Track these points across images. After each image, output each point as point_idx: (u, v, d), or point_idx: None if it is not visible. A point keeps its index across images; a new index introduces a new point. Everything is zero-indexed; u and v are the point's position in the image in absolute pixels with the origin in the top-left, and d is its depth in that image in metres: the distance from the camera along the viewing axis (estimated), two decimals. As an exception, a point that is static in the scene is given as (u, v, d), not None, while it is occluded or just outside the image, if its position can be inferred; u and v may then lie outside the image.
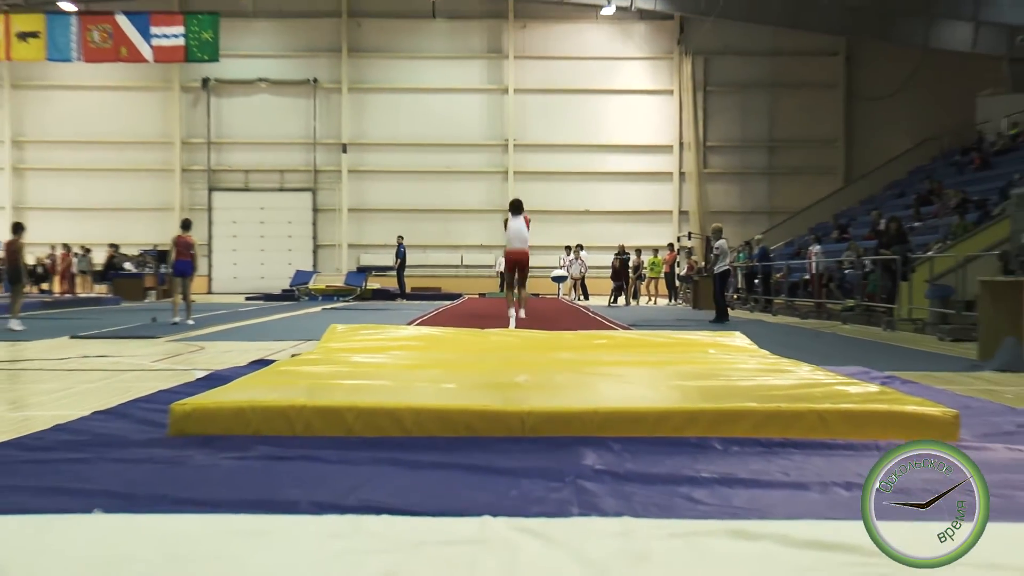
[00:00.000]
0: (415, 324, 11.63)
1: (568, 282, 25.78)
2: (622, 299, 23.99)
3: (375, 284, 26.09)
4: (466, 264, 30.56)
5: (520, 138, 30.64)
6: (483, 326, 9.89)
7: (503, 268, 14.27)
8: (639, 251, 25.46)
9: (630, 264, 24.69)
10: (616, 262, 23.91)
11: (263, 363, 6.86)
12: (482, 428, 4.05)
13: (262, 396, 4.44)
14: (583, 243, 26.32)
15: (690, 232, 29.50)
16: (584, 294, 25.53)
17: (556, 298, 24.86)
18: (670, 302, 24.97)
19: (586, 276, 25.74)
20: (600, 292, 26.43)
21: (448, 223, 30.62)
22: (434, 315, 15.26)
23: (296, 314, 16.96)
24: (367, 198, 30.95)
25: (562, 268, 25.67)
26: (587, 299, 24.88)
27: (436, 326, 10.50)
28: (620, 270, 23.84)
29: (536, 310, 15.38)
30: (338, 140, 30.87)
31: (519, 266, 13.49)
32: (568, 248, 25.97)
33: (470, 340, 8.01)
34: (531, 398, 4.51)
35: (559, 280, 25.70)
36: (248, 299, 25.16)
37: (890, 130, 29.74)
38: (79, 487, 3.16)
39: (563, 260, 25.94)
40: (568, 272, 25.42)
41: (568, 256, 25.71)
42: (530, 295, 22.94)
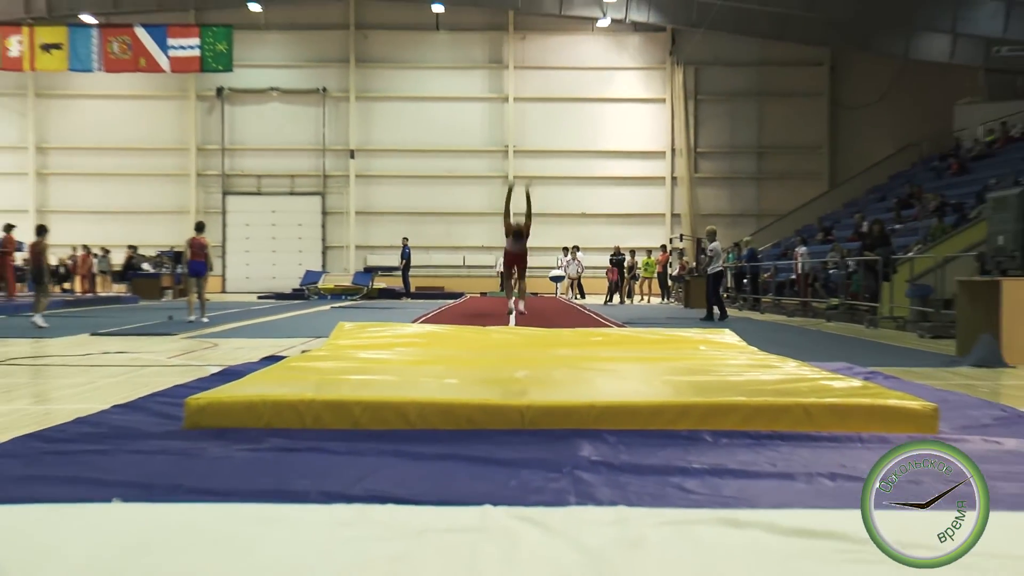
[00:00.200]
0: (419, 322, 11.63)
1: (565, 282, 25.75)
2: (616, 298, 24.00)
3: (381, 284, 26.13)
4: (468, 264, 30.54)
5: (520, 144, 30.63)
6: (484, 324, 9.90)
7: (503, 267, 14.18)
8: (633, 252, 25.46)
9: (625, 265, 24.68)
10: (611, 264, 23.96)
11: (274, 359, 6.86)
12: (483, 421, 4.05)
13: (273, 391, 4.44)
14: (580, 244, 26.29)
15: (682, 234, 29.53)
16: (581, 293, 25.52)
17: (554, 297, 24.85)
18: (663, 301, 24.99)
19: (582, 276, 25.74)
20: (596, 291, 26.44)
21: (451, 225, 30.61)
22: (437, 313, 15.25)
23: (306, 312, 16.95)
24: (374, 202, 30.93)
25: (560, 268, 25.66)
26: (583, 298, 24.88)
27: (439, 324, 10.49)
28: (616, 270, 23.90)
29: (535, 309, 15.36)
30: (346, 146, 30.85)
31: (518, 262, 13.54)
32: (565, 249, 25.95)
33: (472, 337, 8.01)
34: (530, 392, 4.51)
35: (557, 280, 25.68)
36: (260, 298, 25.17)
37: (872, 137, 29.75)
38: (99, 477, 3.16)
39: (561, 261, 25.93)
40: (565, 272, 25.41)
41: (565, 257, 25.69)
42: (529, 294, 22.94)
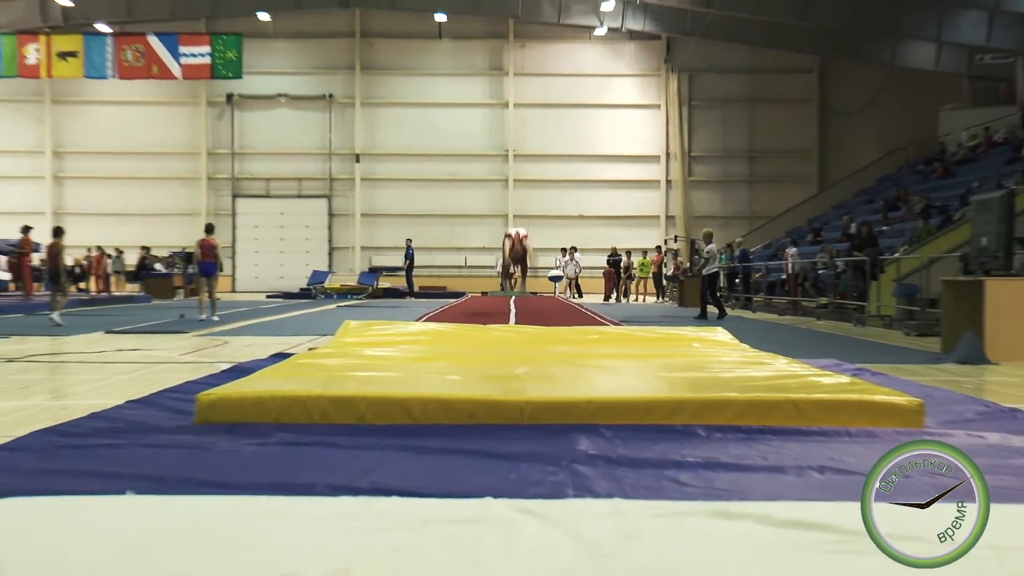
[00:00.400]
0: (422, 320, 11.60)
1: (564, 281, 25.75)
2: (613, 297, 24.00)
3: (386, 283, 26.11)
4: (469, 265, 30.54)
5: (519, 149, 30.61)
6: (485, 322, 9.87)
7: (503, 266, 13.86)
8: (629, 253, 25.46)
9: (621, 265, 24.67)
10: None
11: (282, 356, 6.85)
12: (484, 416, 4.04)
13: (281, 387, 4.42)
14: (577, 246, 26.29)
15: (676, 236, 29.50)
16: (578, 292, 25.52)
17: (552, 296, 24.85)
18: (658, 300, 24.98)
19: (580, 276, 25.74)
20: (593, 291, 26.43)
21: (453, 227, 30.61)
22: (440, 312, 15.21)
23: (313, 311, 16.94)
24: (378, 204, 30.93)
25: (558, 269, 25.66)
26: (581, 297, 24.87)
27: (442, 322, 10.48)
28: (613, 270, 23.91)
29: (534, 307, 15.34)
30: (352, 151, 30.84)
31: (518, 259, 13.30)
32: (564, 250, 25.94)
33: (473, 335, 7.99)
34: (529, 388, 4.50)
35: (555, 280, 25.68)
36: (269, 297, 25.18)
37: (860, 141, 29.74)
38: (113, 471, 3.14)
39: (559, 261, 25.93)
40: (564, 272, 25.41)
41: (564, 258, 25.69)
42: (529, 294, 22.91)
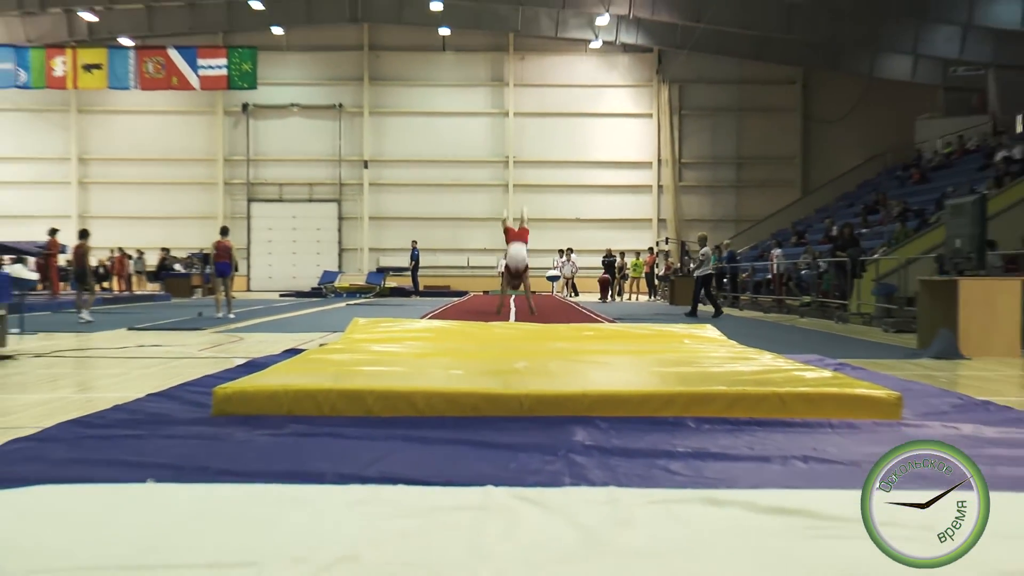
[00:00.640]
0: (427, 318, 11.60)
1: (561, 281, 25.75)
2: (608, 296, 23.98)
3: (392, 283, 26.10)
4: (472, 265, 30.50)
5: (519, 155, 30.59)
6: (487, 320, 9.87)
7: (504, 273, 13.51)
8: (623, 254, 25.46)
9: (615, 265, 24.65)
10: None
11: (294, 352, 6.84)
12: (485, 408, 4.04)
13: (294, 381, 4.43)
14: (574, 247, 26.29)
15: (667, 238, 29.50)
16: (574, 291, 25.52)
17: (550, 295, 24.83)
18: (650, 299, 24.96)
19: (576, 275, 25.73)
20: (589, 290, 26.41)
21: (456, 230, 30.58)
22: (444, 310, 15.22)
23: (323, 309, 16.94)
24: (385, 208, 30.90)
25: (555, 269, 25.65)
26: (577, 296, 24.87)
27: (446, 320, 10.48)
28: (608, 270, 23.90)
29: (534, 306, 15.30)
30: (360, 157, 30.81)
31: (521, 273, 13.05)
32: (561, 251, 25.95)
33: (475, 332, 7.99)
34: (528, 382, 4.50)
35: (553, 279, 25.66)
36: (282, 296, 25.16)
37: (841, 148, 29.73)
38: (135, 460, 3.15)
39: (556, 262, 25.92)
40: (561, 272, 25.40)
41: (561, 258, 25.69)
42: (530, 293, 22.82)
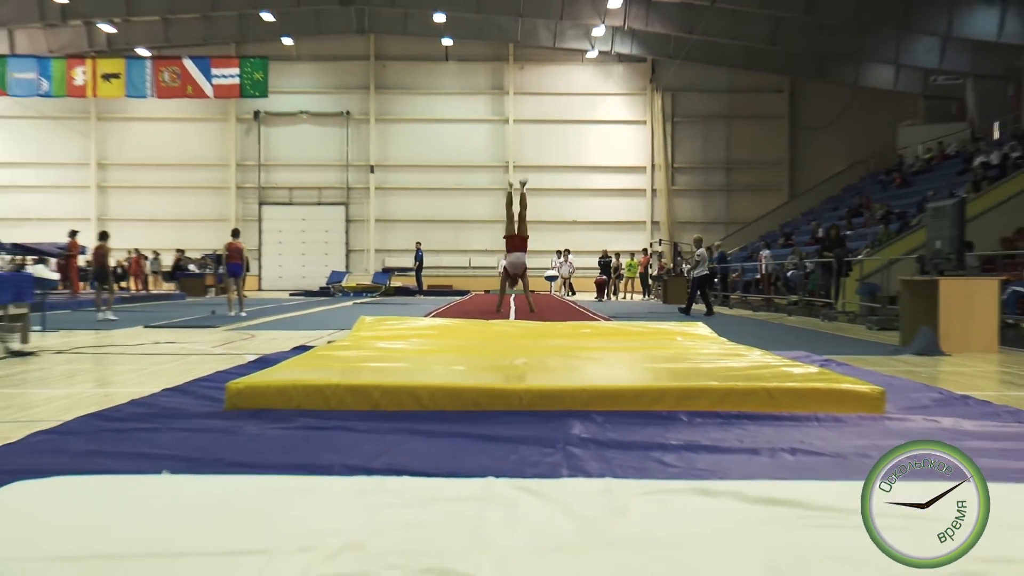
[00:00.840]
0: (431, 316, 11.60)
1: (558, 281, 25.77)
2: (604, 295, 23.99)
3: (397, 282, 26.09)
4: (473, 266, 30.50)
5: (518, 160, 30.57)
6: (488, 318, 9.86)
7: (502, 276, 13.36)
8: (618, 255, 25.46)
9: (611, 266, 24.66)
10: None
11: (304, 348, 6.83)
12: (487, 403, 4.03)
13: (303, 376, 4.41)
14: (571, 248, 26.29)
15: (661, 239, 29.50)
16: (571, 291, 25.52)
17: (548, 294, 24.85)
18: (644, 298, 24.97)
19: (573, 275, 25.73)
20: (585, 289, 26.42)
21: (458, 231, 30.58)
22: (447, 308, 15.23)
23: (331, 308, 16.93)
24: (391, 211, 30.91)
25: (553, 269, 25.67)
26: (574, 295, 24.87)
27: (448, 318, 10.47)
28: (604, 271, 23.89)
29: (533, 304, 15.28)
30: (366, 162, 30.81)
31: (520, 275, 12.96)
32: (558, 252, 25.96)
33: (477, 329, 7.98)
34: (528, 378, 4.50)
35: (551, 279, 25.69)
36: (291, 295, 25.16)
37: (826, 154, 29.76)
38: (150, 452, 3.14)
39: (554, 262, 25.94)
40: (559, 272, 25.42)
41: (558, 259, 25.70)
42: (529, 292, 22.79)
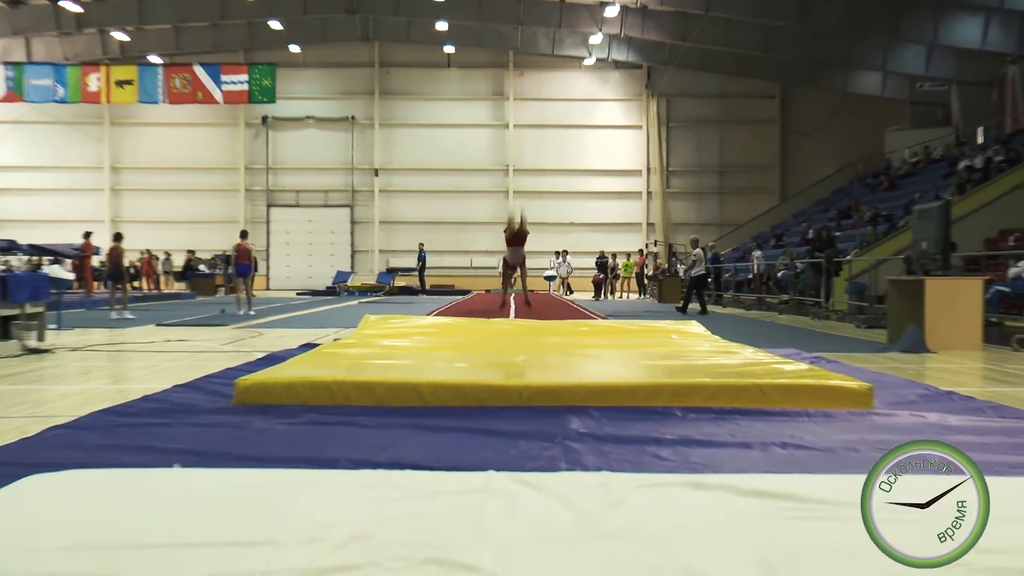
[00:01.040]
0: (433, 315, 11.60)
1: (557, 281, 25.77)
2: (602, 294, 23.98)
3: (401, 282, 26.09)
4: (475, 266, 30.49)
5: (518, 164, 30.59)
6: (488, 316, 9.86)
7: (503, 270, 13.58)
8: (615, 255, 25.45)
9: (608, 266, 24.66)
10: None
11: (310, 346, 6.83)
12: (488, 399, 4.03)
13: (310, 373, 4.41)
14: (569, 249, 26.28)
15: (656, 240, 29.51)
16: (569, 290, 25.52)
17: (547, 294, 24.84)
18: (640, 297, 24.96)
19: (571, 275, 25.73)
20: (583, 289, 26.41)
21: (460, 233, 30.57)
22: (449, 307, 15.22)
23: (337, 307, 16.94)
24: (394, 213, 30.90)
25: (552, 269, 25.67)
26: (572, 294, 24.87)
27: (450, 316, 10.47)
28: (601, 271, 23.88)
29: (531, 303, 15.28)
30: (371, 166, 30.80)
31: (519, 267, 13.16)
32: (557, 253, 25.96)
33: (478, 328, 7.98)
34: (527, 374, 4.49)
35: (550, 279, 25.68)
36: (298, 294, 25.15)
37: (816, 158, 29.76)
38: (162, 446, 3.15)
39: (553, 262, 25.94)
40: (557, 272, 25.42)
41: (557, 259, 25.70)
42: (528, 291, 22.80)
